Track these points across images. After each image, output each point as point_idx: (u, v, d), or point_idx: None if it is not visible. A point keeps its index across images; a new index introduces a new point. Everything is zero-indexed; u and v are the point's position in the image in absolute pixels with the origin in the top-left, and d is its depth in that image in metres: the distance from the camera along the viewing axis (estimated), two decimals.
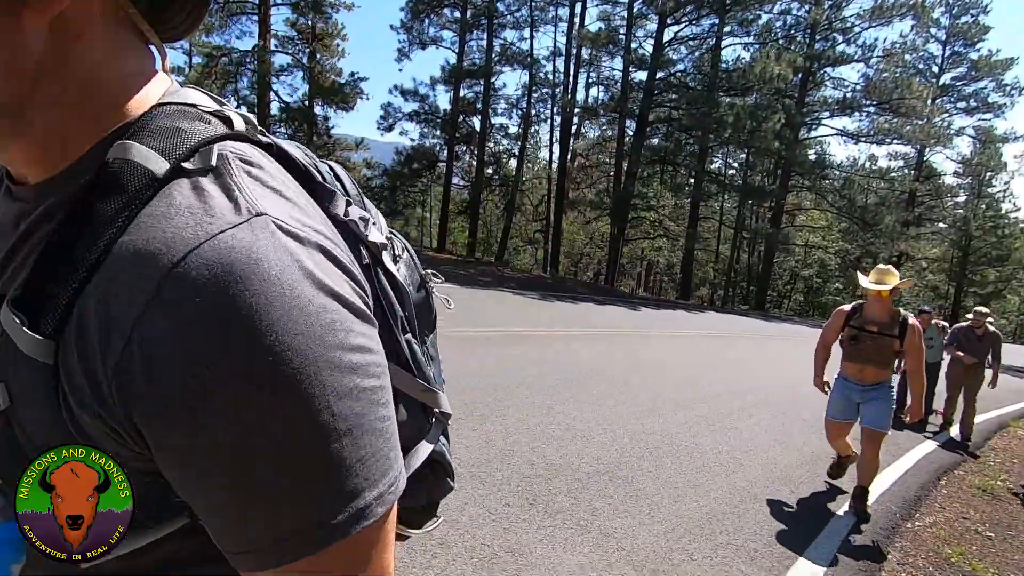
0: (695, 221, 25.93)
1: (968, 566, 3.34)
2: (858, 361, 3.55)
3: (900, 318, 3.44)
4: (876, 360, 3.48)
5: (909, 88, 23.95)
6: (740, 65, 23.09)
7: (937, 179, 33.97)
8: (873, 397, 3.53)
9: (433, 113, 23.69)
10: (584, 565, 2.42)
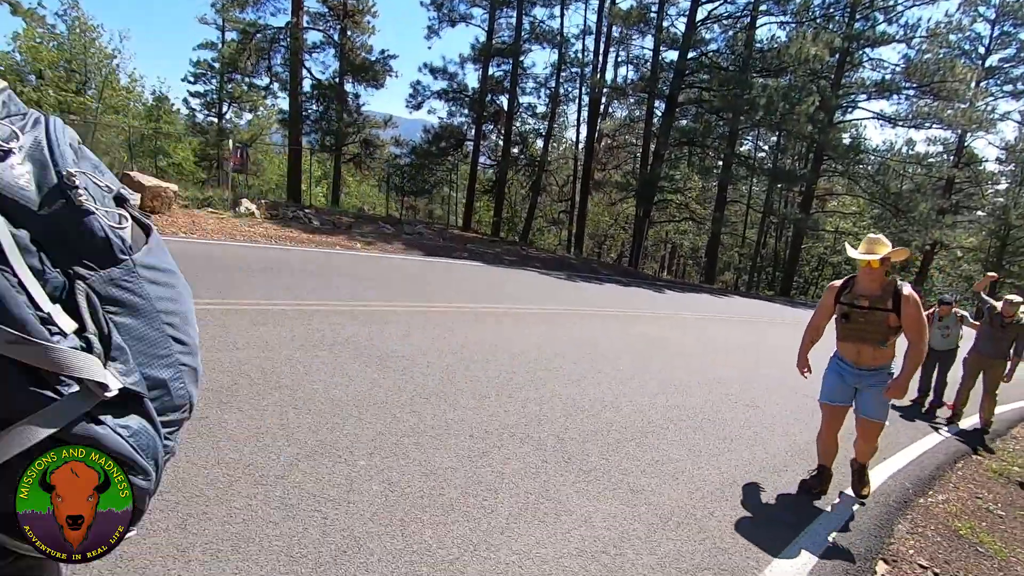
0: (723, 204, 25.65)
1: (976, 539, 3.54)
2: (852, 341, 3.23)
3: (894, 288, 3.07)
4: (871, 339, 3.13)
5: (952, 70, 23.09)
6: (775, 45, 22.56)
7: (977, 165, 32.83)
8: (871, 384, 3.22)
9: (462, 91, 23.73)
10: (615, 515, 2.70)
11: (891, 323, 3.08)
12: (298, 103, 21.37)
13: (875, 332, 3.13)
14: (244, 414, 2.97)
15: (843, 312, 3.21)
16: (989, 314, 6.11)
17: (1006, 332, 5.95)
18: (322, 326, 5.01)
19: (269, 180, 34.29)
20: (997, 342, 6.01)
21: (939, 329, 6.46)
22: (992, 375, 6.07)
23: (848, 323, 3.20)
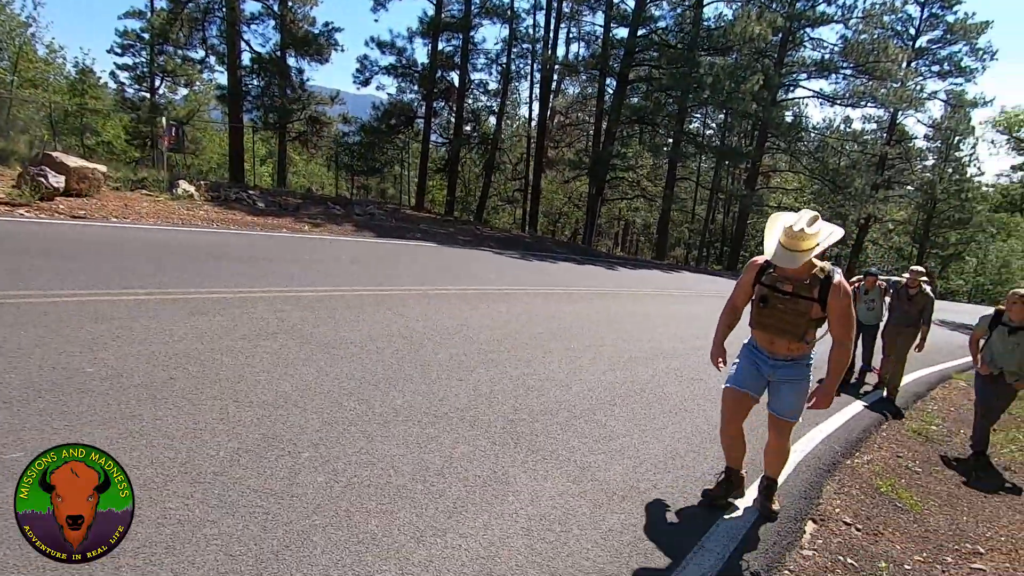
0: (672, 182, 26.17)
1: (895, 495, 3.82)
2: (767, 330, 2.76)
3: (823, 275, 2.62)
4: (789, 330, 2.68)
5: (885, 51, 24.13)
6: (722, 24, 22.91)
7: (907, 143, 34.65)
8: (784, 377, 2.80)
9: (411, 67, 23.10)
10: (563, 492, 2.78)
11: (814, 315, 2.63)
12: (237, 78, 20.34)
13: (794, 324, 2.68)
14: (180, 410, 2.86)
15: (762, 295, 2.74)
16: (896, 288, 6.40)
17: (913, 303, 6.18)
18: (266, 314, 4.86)
19: (209, 160, 32.68)
20: (907, 313, 6.23)
21: (864, 303, 6.62)
22: (903, 344, 6.28)
23: (765, 308, 2.73)
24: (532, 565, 2.17)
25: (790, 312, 2.68)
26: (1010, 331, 4.63)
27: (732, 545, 2.65)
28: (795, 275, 2.65)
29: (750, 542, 2.74)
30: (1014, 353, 4.64)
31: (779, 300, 2.69)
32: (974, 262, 39.08)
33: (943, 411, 6.60)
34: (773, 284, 2.71)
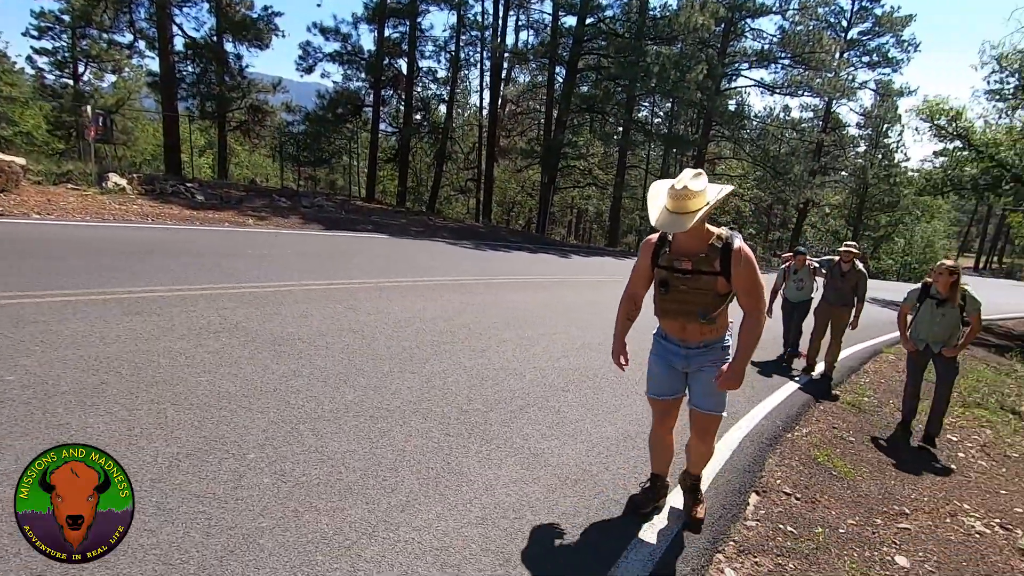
0: (623, 169, 26.62)
1: (830, 464, 4.05)
2: (674, 316, 2.46)
3: (722, 243, 2.29)
4: (697, 312, 2.37)
5: (820, 42, 25.17)
6: (667, 13, 23.32)
7: (842, 130, 36.45)
8: (703, 365, 2.49)
9: (357, 54, 22.47)
10: (516, 480, 2.80)
11: (720, 290, 2.33)
12: (170, 63, 19.24)
13: (701, 304, 2.36)
14: (113, 416, 2.72)
15: (661, 280, 2.42)
16: (830, 266, 6.33)
17: (846, 280, 6.10)
18: (207, 312, 4.66)
19: (143, 151, 30.96)
20: (840, 291, 6.15)
21: (794, 282, 6.64)
22: (837, 323, 6.24)
23: (667, 294, 2.42)
24: (486, 553, 2.18)
25: (693, 292, 2.36)
26: (937, 303, 4.62)
27: (679, 521, 2.74)
28: (691, 249, 2.34)
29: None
30: (942, 325, 4.62)
31: (680, 281, 2.37)
32: (902, 243, 41.57)
33: (874, 384, 7.02)
34: (670, 264, 2.39)
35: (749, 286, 2.32)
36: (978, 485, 4.26)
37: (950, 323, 4.63)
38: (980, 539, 3.40)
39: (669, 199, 2.24)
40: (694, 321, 2.41)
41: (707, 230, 2.34)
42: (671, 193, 2.22)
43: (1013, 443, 5.36)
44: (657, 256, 2.45)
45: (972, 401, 6.59)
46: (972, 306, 4.58)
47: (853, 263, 6.11)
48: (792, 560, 2.71)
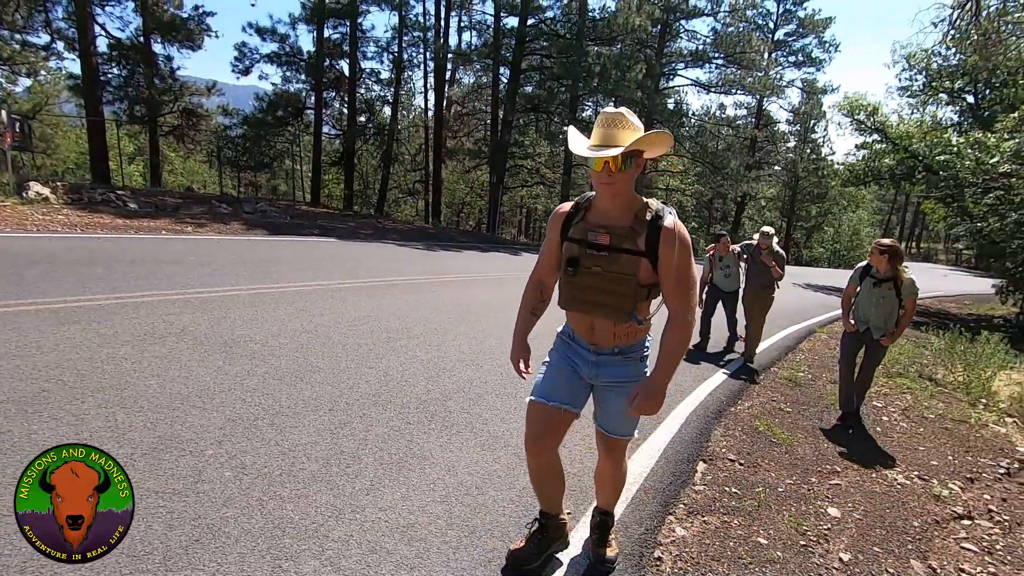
0: (569, 168, 27.09)
1: (770, 432, 4.34)
2: (583, 308, 1.90)
3: (651, 216, 1.80)
4: (611, 304, 1.84)
5: (750, 42, 26.46)
6: (606, 14, 23.92)
7: (773, 127, 38.40)
8: (612, 380, 1.96)
9: (296, 55, 21.92)
10: (477, 460, 2.89)
11: (643, 278, 1.79)
12: (92, 66, 18.18)
13: (617, 294, 1.81)
14: (59, 421, 2.63)
15: (570, 256, 1.85)
16: (750, 251, 6.42)
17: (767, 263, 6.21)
18: (151, 319, 4.51)
19: (65, 159, 29.15)
20: (762, 274, 6.29)
21: (720, 269, 6.57)
22: (761, 304, 6.36)
23: (575, 275, 1.85)
24: (451, 527, 2.27)
25: (609, 277, 1.80)
26: (875, 283, 4.50)
27: (633, 489, 2.91)
28: (613, 219, 1.81)
29: (649, 492, 3.02)
30: (880, 306, 4.51)
31: (593, 260, 1.81)
32: (831, 231, 44.13)
33: (808, 360, 7.50)
34: (584, 237, 1.82)
35: (680, 278, 1.77)
36: (900, 444, 4.66)
37: (889, 305, 4.49)
38: (901, 489, 3.74)
39: (598, 128, 1.77)
40: (605, 315, 1.84)
41: (636, 197, 1.82)
42: (602, 120, 1.76)
43: (930, 406, 5.86)
44: (568, 227, 1.87)
45: (895, 372, 7.14)
46: (908, 290, 4.43)
47: (771, 247, 6.19)
48: (736, 517, 2.92)
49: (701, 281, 6.48)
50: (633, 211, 1.81)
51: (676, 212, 1.83)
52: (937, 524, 3.35)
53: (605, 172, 1.72)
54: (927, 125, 19.38)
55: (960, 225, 17.13)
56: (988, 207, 14.82)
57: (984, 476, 4.25)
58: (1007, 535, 3.37)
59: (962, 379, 7.04)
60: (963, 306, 18.93)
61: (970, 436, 5.09)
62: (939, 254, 58.03)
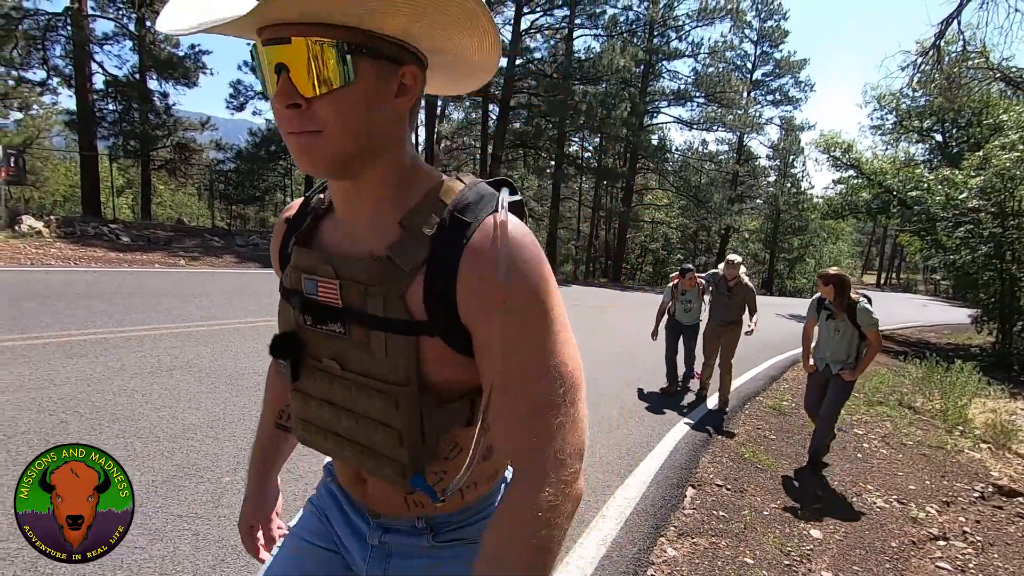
0: (557, 202, 27.68)
1: (755, 459, 4.52)
2: (325, 448, 0.83)
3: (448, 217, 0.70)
4: (369, 442, 0.75)
5: (729, 82, 27.59)
6: (591, 55, 24.89)
7: (754, 162, 39.65)
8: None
9: None
10: None
11: (438, 376, 0.72)
12: (89, 102, 18.50)
13: (375, 422, 0.75)
14: None
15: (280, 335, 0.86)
16: (715, 281, 5.73)
17: (734, 296, 5.55)
18: (156, 351, 4.63)
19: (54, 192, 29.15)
20: (728, 308, 5.60)
21: (681, 303, 5.96)
22: (727, 343, 5.65)
23: (296, 377, 0.84)
24: None
25: (355, 385, 0.76)
26: (829, 315, 4.16)
27: (627, 513, 3.07)
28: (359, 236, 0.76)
29: (641, 515, 3.18)
30: (838, 340, 4.14)
31: (323, 344, 0.80)
32: (812, 263, 45.08)
33: (792, 389, 7.73)
34: (297, 288, 0.81)
35: (525, 368, 0.68)
36: (879, 469, 4.86)
37: (847, 338, 4.11)
38: (880, 512, 3.93)
39: None
40: (373, 472, 0.78)
41: (415, 172, 0.76)
42: None
43: (909, 433, 6.09)
44: (285, 247, 0.89)
45: (875, 400, 7.39)
46: (865, 320, 3.98)
47: (739, 278, 5.54)
48: (724, 539, 3.08)
49: (660, 310, 6.04)
50: (404, 205, 0.74)
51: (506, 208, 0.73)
52: (914, 545, 3.53)
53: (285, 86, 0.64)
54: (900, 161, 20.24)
55: (935, 257, 17.75)
56: (960, 240, 15.44)
57: (959, 500, 4.45)
58: (979, 555, 3.56)
59: (939, 407, 7.30)
60: (942, 335, 19.42)
61: (946, 462, 5.31)
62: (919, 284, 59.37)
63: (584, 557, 2.52)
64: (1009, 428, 6.54)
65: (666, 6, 26.67)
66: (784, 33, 34.88)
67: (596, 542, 2.66)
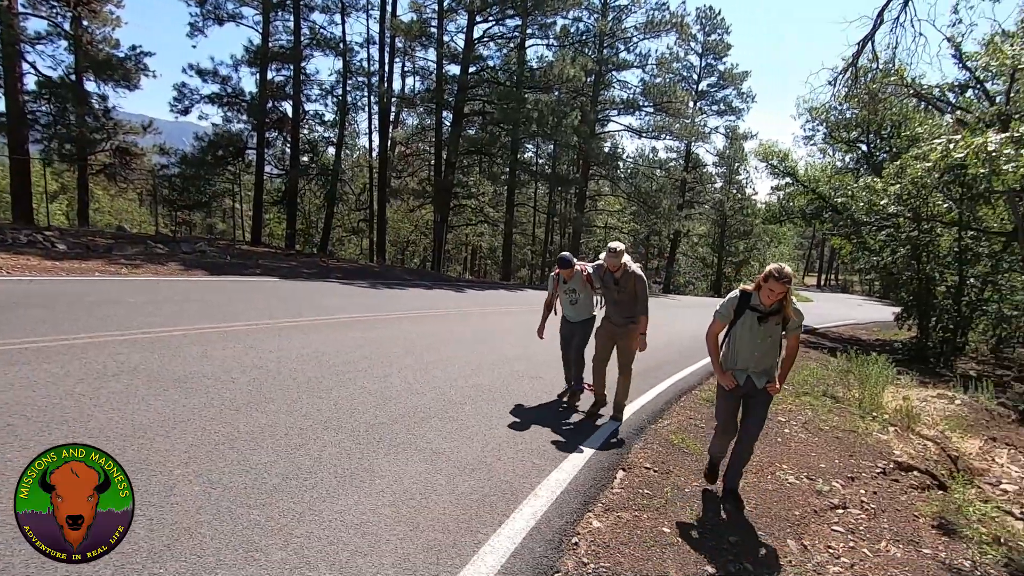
0: (512, 207, 28.09)
1: (684, 445, 4.91)
2: None
3: None
4: None
5: (675, 93, 28.73)
6: (543, 64, 25.45)
7: (701, 169, 41.28)
8: None
9: (238, 96, 22.03)
10: (422, 472, 3.27)
11: None
12: (19, 104, 17.67)
13: None
14: (31, 451, 2.82)
15: None
16: (600, 274, 4.94)
17: (623, 288, 4.77)
18: (101, 358, 4.65)
19: None
20: (620, 304, 4.84)
21: (566, 295, 5.20)
22: (623, 346, 4.90)
23: None
24: (400, 523, 2.64)
25: None
26: (760, 317, 3.41)
27: (558, 491, 3.36)
28: None
29: (572, 493, 3.48)
30: (766, 346, 3.48)
31: None
32: (757, 265, 47.17)
33: None
34: None
35: None
36: (796, 451, 5.35)
37: (776, 345, 3.54)
38: (790, 487, 4.37)
39: None
40: None
41: None
42: None
43: (827, 419, 6.65)
44: None
45: (802, 391, 7.99)
46: (796, 324, 3.48)
47: (624, 266, 4.75)
48: (647, 512, 3.42)
49: (545, 304, 5.52)
50: None
51: None
52: (815, 513, 3.97)
53: None
54: (832, 169, 21.61)
55: (862, 259, 19.04)
56: (882, 243, 16.67)
57: (863, 475, 4.97)
58: (871, 519, 4.03)
59: (857, 395, 7.97)
60: (872, 332, 20.79)
61: (857, 443, 5.87)
62: (855, 285, 62.76)
63: (514, 529, 2.80)
64: (914, 412, 7.24)
65: (615, 18, 27.60)
66: (727, 46, 36.59)
67: (527, 516, 2.94)
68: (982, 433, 8.08)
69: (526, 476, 3.48)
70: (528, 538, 2.74)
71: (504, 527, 2.79)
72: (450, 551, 2.50)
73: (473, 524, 2.78)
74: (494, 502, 3.05)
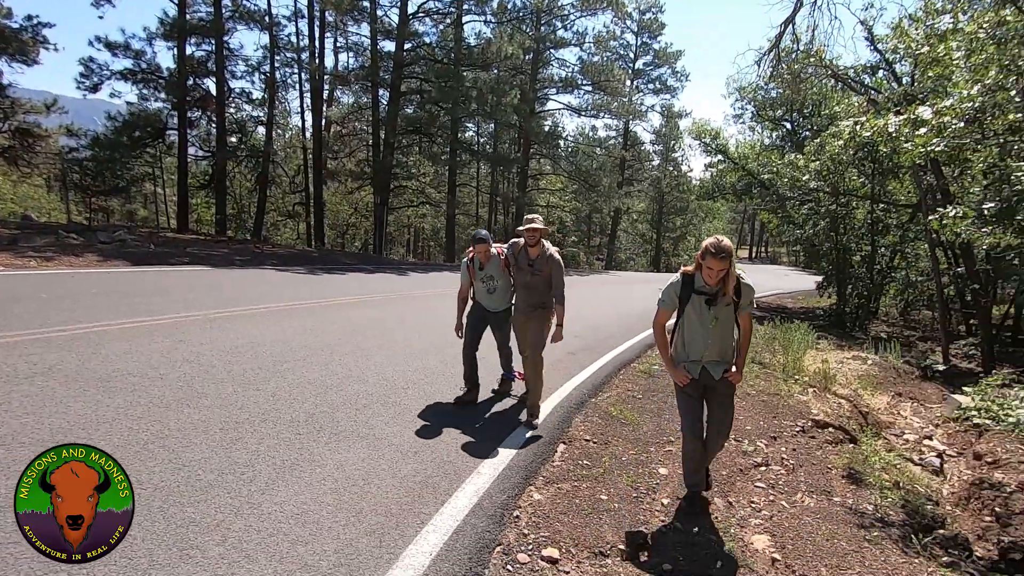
0: (453, 188, 27.82)
1: (622, 416, 5.13)
2: None
3: None
4: None
5: (612, 72, 29.03)
6: (481, 42, 25.08)
7: (639, 147, 42.22)
8: None
9: (154, 72, 20.53)
10: (364, 458, 3.28)
11: None
12: None
13: None
14: None
15: None
16: (514, 253, 4.46)
17: (538, 272, 4.35)
18: (10, 359, 4.33)
19: None
20: (532, 289, 4.40)
21: (483, 283, 4.66)
22: (536, 333, 4.39)
23: None
24: (341, 510, 2.65)
25: None
26: (708, 300, 3.09)
27: (500, 468, 3.46)
28: None
29: (514, 469, 3.59)
30: (719, 331, 3.12)
31: None
32: (693, 240, 49.05)
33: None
34: None
35: None
36: None
37: (729, 328, 3.19)
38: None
39: None
40: None
41: None
42: None
43: (754, 384, 7.08)
44: None
45: None
46: (748, 299, 3.15)
47: (541, 246, 4.35)
48: (585, 482, 3.58)
49: (460, 296, 4.77)
50: None
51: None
52: (741, 472, 4.27)
53: None
54: (760, 146, 22.63)
55: (787, 232, 20.16)
56: (805, 217, 17.71)
57: (784, 434, 5.36)
58: (790, 474, 4.38)
59: (781, 361, 8.52)
60: (797, 300, 22.13)
61: (779, 405, 6.30)
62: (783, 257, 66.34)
63: (456, 507, 2.87)
64: (831, 374, 7.83)
65: None
66: (661, 25, 37.30)
67: (469, 494, 3.02)
68: (890, 389, 8.86)
69: (469, 455, 3.56)
70: (471, 515, 2.82)
71: (447, 506, 2.86)
72: (393, 533, 2.54)
73: (416, 506, 2.83)
74: (437, 483, 3.11)
